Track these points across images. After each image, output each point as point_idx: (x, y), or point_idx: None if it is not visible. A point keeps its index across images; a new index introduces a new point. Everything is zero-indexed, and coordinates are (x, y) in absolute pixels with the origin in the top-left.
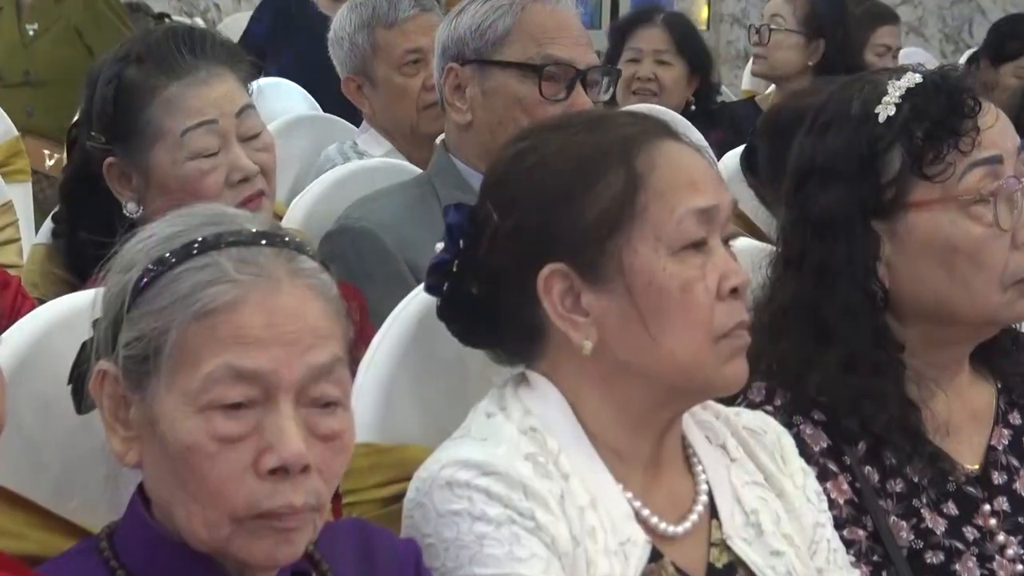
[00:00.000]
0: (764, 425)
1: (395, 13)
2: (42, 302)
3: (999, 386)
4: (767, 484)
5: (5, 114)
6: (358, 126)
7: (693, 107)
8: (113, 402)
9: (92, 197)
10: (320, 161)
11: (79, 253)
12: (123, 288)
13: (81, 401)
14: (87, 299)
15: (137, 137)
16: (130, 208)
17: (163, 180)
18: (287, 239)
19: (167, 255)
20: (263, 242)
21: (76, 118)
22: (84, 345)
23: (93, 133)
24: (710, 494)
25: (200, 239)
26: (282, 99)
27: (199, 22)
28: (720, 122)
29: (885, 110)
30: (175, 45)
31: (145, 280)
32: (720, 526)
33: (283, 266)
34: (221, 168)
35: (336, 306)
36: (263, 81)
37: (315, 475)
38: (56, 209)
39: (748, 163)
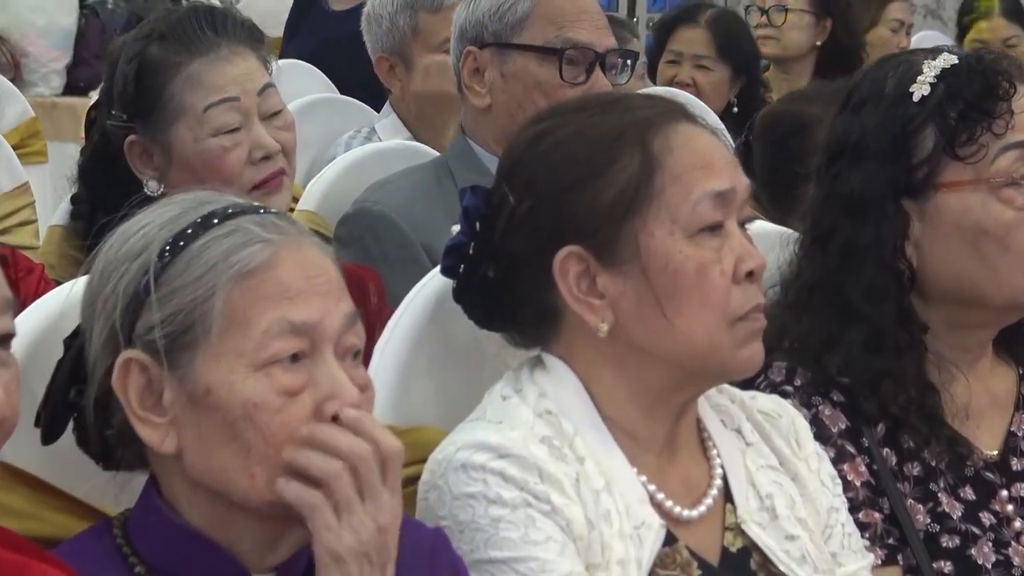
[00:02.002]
0: (779, 409)
1: None
2: (59, 283)
3: (1021, 372)
4: (782, 468)
5: (22, 95)
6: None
7: (736, 109)
8: (141, 391)
9: (111, 178)
10: (331, 150)
11: (98, 234)
12: (140, 272)
13: (53, 431)
14: None
15: (159, 114)
16: (151, 187)
17: (185, 157)
18: (276, 211)
19: (186, 230)
20: (266, 212)
21: (95, 99)
22: (59, 367)
23: (114, 112)
24: (725, 478)
25: (210, 213)
26: (300, 81)
27: (216, 1)
28: None
29: (920, 89)
30: (197, 23)
31: (168, 257)
32: (735, 510)
33: (293, 227)
34: (243, 145)
35: (337, 264)
36: (281, 62)
37: None
38: (75, 190)
39: (743, 163)
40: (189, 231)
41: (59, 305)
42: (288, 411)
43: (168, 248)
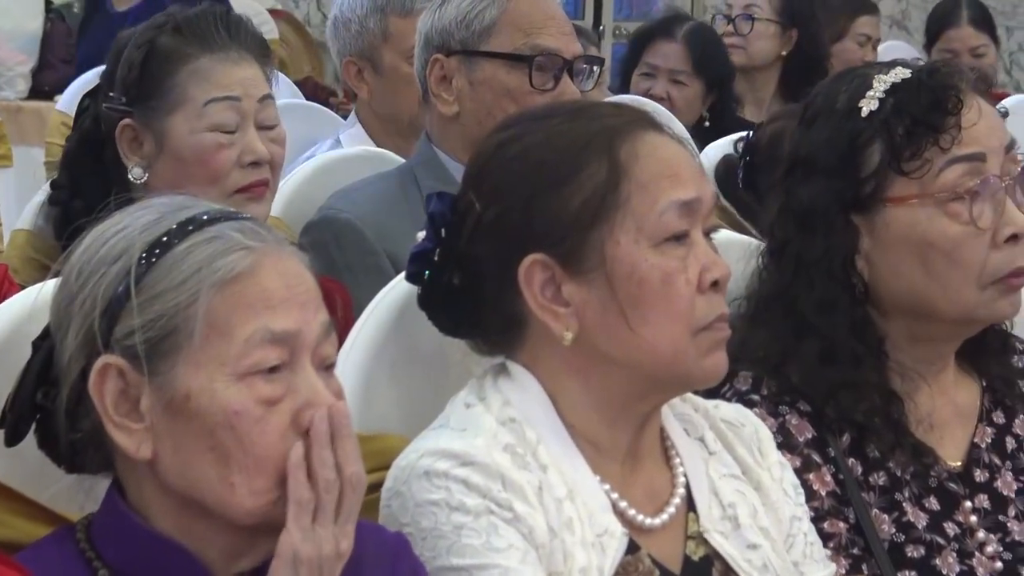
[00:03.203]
0: (742, 418)
1: (411, 3)
2: (23, 287)
3: (984, 384)
4: (744, 477)
5: None
6: None
7: (707, 123)
8: (117, 397)
9: (95, 166)
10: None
11: (72, 222)
12: (119, 276)
13: (18, 433)
14: None
15: (159, 100)
16: (136, 174)
17: (177, 147)
18: (252, 218)
19: (167, 235)
20: (244, 219)
21: (90, 88)
22: (27, 368)
23: (112, 95)
24: (687, 487)
25: (190, 218)
26: None
27: None
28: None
29: (868, 104)
30: (213, 21)
31: (150, 262)
32: (697, 519)
33: (272, 235)
34: (236, 146)
35: (313, 273)
36: None
37: None
38: (56, 175)
39: (726, 171)
40: (171, 235)
41: (26, 308)
42: (268, 420)
43: (148, 252)
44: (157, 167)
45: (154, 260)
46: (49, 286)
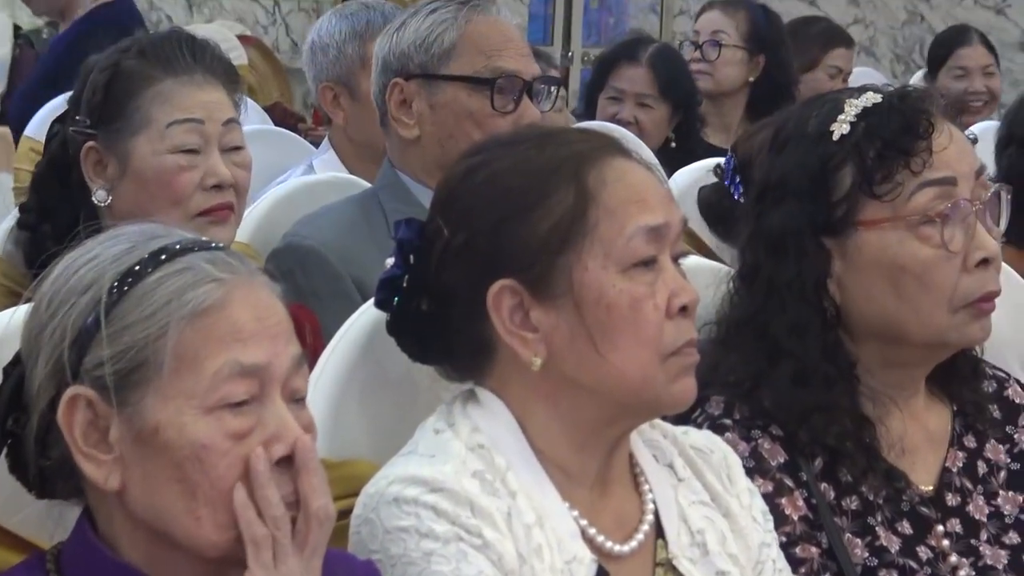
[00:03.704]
0: (711, 444)
1: None
2: None
3: (955, 409)
4: (713, 504)
5: None
6: None
7: (674, 144)
8: (85, 427)
9: (62, 190)
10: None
11: (40, 246)
12: (89, 306)
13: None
14: None
15: (123, 123)
16: (99, 196)
17: (140, 169)
18: (224, 247)
19: (137, 265)
20: (216, 249)
21: (59, 114)
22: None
23: (78, 117)
24: (656, 513)
25: (161, 249)
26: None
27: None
28: (702, 157)
29: (840, 128)
30: (178, 45)
31: (119, 292)
32: (666, 546)
33: (244, 266)
34: (198, 169)
35: (285, 304)
36: None
37: None
38: (26, 199)
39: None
40: (141, 266)
41: None
42: (235, 453)
43: (119, 283)
44: (120, 190)
45: (124, 291)
46: (20, 312)
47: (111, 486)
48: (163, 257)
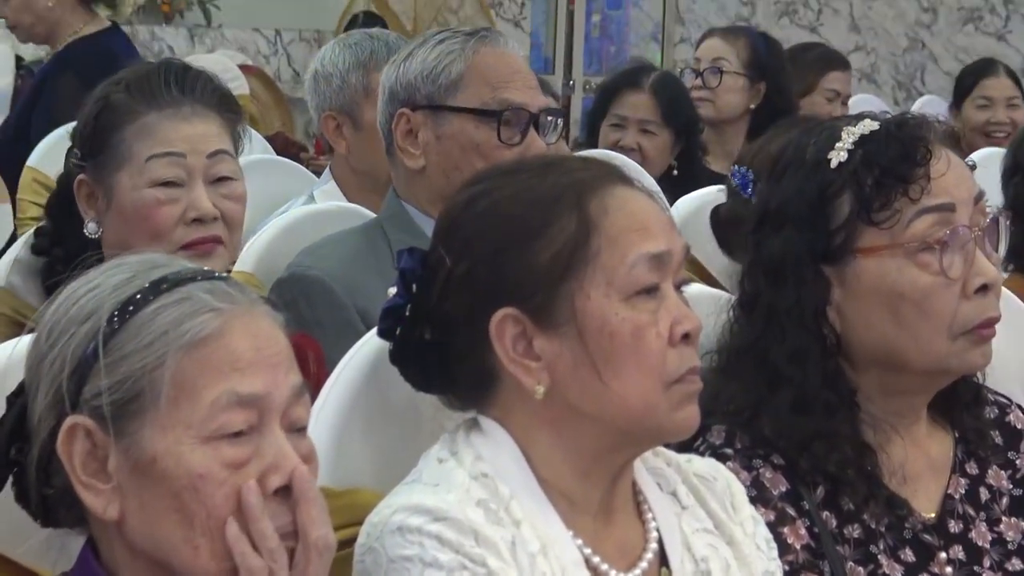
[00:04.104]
0: (714, 472)
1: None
2: None
3: (957, 436)
4: (717, 532)
5: None
6: None
7: (676, 171)
8: (85, 457)
9: (71, 216)
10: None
11: (51, 269)
12: (88, 336)
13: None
14: None
15: (108, 156)
16: (90, 228)
17: (122, 203)
18: (227, 277)
19: (136, 296)
20: (215, 279)
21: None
22: (0, 424)
23: (74, 149)
24: (660, 541)
25: (160, 279)
26: None
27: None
28: (703, 184)
29: (837, 156)
30: (164, 78)
31: (118, 323)
32: (670, 574)
33: (244, 295)
34: (179, 203)
35: (286, 333)
36: None
37: None
38: (41, 224)
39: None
40: (140, 296)
41: (1, 364)
42: (233, 483)
43: (118, 313)
44: (108, 223)
45: (123, 321)
46: (24, 342)
47: (110, 515)
48: (162, 287)
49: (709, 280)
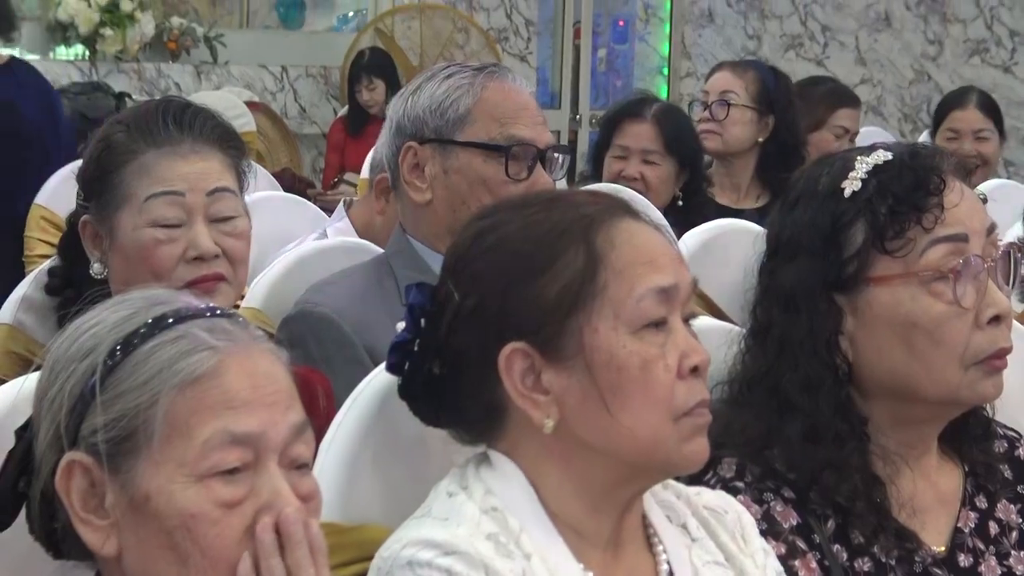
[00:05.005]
0: (725, 505)
1: None
2: (2, 382)
3: (966, 469)
4: (728, 564)
5: None
6: None
7: (681, 202)
8: (83, 493)
9: (82, 256)
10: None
11: (64, 307)
12: (86, 374)
13: (3, 521)
14: None
15: (108, 196)
16: (95, 268)
17: (123, 244)
18: (232, 313)
19: (133, 334)
20: (218, 316)
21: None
22: (8, 457)
23: (79, 190)
24: (671, 574)
25: (160, 316)
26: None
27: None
28: (709, 216)
29: (851, 185)
30: (163, 117)
31: (115, 360)
32: None
33: (245, 333)
34: (179, 242)
35: (289, 370)
36: None
37: None
38: (52, 264)
39: None
40: (138, 334)
41: (6, 402)
42: (226, 523)
43: (115, 350)
44: (111, 263)
45: (119, 359)
46: (31, 380)
47: (108, 551)
48: (160, 325)
49: (717, 313)
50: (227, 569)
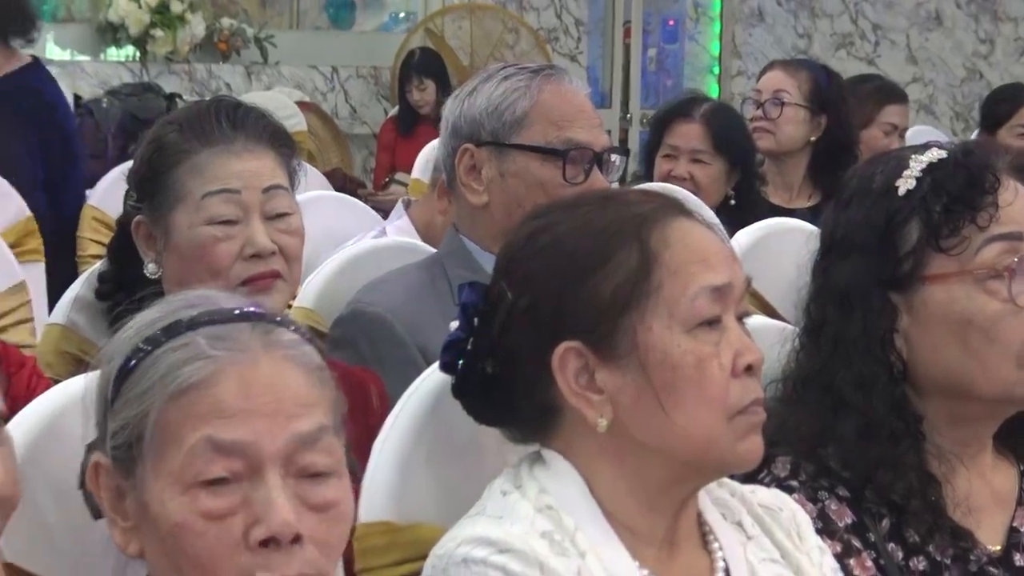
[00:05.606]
0: (780, 503)
1: None
2: (56, 382)
3: (1022, 469)
4: (783, 561)
5: (17, 194)
6: None
7: (733, 201)
8: (110, 494)
9: (132, 259)
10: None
11: (118, 316)
12: (106, 380)
13: (94, 506)
14: None
15: (163, 196)
16: (151, 269)
17: (179, 243)
18: (264, 314)
19: (142, 344)
20: (239, 319)
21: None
22: (88, 447)
23: (130, 191)
24: (727, 571)
25: (173, 323)
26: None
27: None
28: (761, 216)
29: (905, 183)
30: (216, 116)
31: (124, 369)
32: None
33: (259, 340)
34: (236, 239)
35: (320, 375)
36: None
37: (310, 546)
38: (103, 269)
39: None
40: (150, 340)
41: (60, 403)
42: (213, 535)
43: (125, 362)
44: (167, 263)
45: (131, 367)
46: (82, 381)
47: (131, 552)
48: (171, 332)
49: (770, 312)
50: None
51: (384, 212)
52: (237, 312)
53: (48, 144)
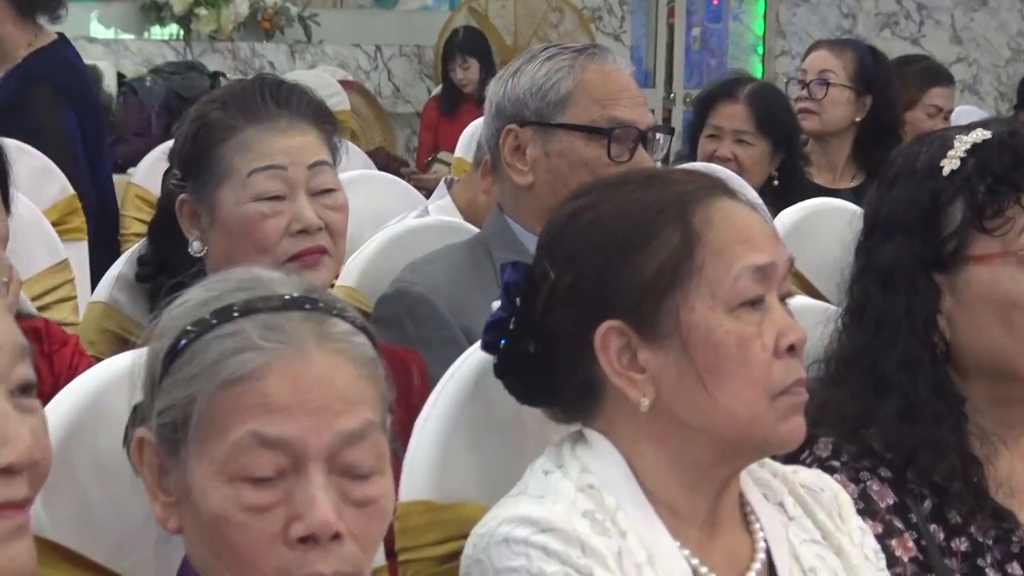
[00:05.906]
0: (821, 483)
1: None
2: (99, 360)
3: None
4: (825, 542)
5: (60, 171)
6: None
7: (776, 182)
8: (153, 469)
9: (173, 240)
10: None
11: (157, 292)
12: (156, 356)
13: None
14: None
15: (208, 174)
16: (195, 247)
17: (226, 220)
18: (319, 303)
19: (192, 326)
20: (292, 307)
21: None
22: (134, 408)
23: (173, 170)
24: (768, 552)
25: (224, 307)
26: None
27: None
28: (805, 196)
29: (950, 164)
30: (260, 93)
31: (175, 349)
32: None
33: (311, 331)
34: (284, 215)
35: (370, 369)
36: None
37: (350, 542)
38: (143, 251)
39: None
40: (201, 324)
41: (102, 380)
42: (254, 527)
43: (176, 342)
44: (212, 240)
45: (181, 348)
46: (127, 358)
47: (171, 528)
48: (223, 317)
49: (813, 292)
50: (257, 572)
51: (427, 191)
52: (289, 299)
53: (84, 120)
